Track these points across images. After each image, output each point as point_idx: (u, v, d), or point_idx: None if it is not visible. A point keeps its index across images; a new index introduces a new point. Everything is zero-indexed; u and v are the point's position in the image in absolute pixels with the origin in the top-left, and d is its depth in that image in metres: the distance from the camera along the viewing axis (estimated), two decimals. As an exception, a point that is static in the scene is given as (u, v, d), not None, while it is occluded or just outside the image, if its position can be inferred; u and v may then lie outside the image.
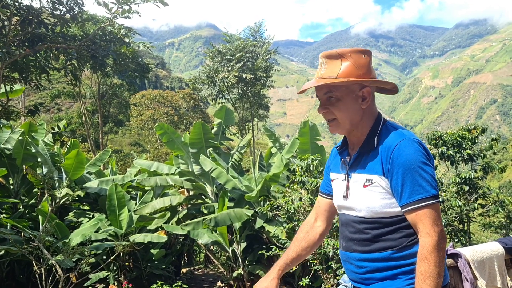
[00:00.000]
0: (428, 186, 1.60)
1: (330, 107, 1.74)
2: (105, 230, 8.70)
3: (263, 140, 49.44)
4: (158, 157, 28.35)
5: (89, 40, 6.41)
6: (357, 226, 1.77)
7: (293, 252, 2.00)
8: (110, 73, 22.18)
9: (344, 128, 1.77)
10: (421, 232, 1.60)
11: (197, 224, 8.15)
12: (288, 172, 8.75)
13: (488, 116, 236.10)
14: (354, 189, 1.78)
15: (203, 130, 9.61)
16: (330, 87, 1.72)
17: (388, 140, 1.70)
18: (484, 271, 2.59)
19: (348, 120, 1.75)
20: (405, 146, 1.64)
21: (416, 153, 1.63)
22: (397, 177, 1.63)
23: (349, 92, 1.73)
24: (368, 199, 1.71)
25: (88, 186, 9.94)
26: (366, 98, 1.76)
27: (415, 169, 1.61)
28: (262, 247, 8.44)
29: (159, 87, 73.09)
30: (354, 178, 1.79)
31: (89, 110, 27.89)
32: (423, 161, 1.63)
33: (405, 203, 1.62)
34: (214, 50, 22.52)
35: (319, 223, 2.08)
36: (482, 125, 7.06)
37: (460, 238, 6.62)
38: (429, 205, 1.59)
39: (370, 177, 1.71)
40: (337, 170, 1.92)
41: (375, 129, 1.77)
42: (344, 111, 1.73)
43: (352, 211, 1.79)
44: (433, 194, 1.60)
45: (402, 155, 1.63)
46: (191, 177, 9.89)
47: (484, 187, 6.71)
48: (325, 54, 1.76)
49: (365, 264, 1.75)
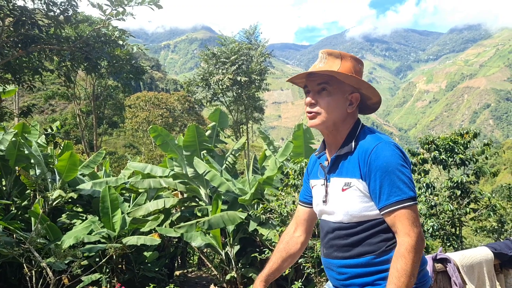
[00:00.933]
0: (406, 188, 1.61)
1: (320, 99, 1.74)
2: (98, 232, 8.67)
3: (258, 143, 49.43)
4: (153, 159, 28.28)
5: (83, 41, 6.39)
6: (336, 232, 1.77)
7: (274, 264, 1.99)
8: (105, 75, 22.13)
9: (325, 124, 1.75)
10: (400, 232, 1.60)
11: (190, 227, 8.14)
12: (282, 175, 8.76)
13: (482, 121, 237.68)
14: (333, 193, 1.78)
15: (197, 132, 9.60)
16: (328, 78, 1.73)
17: (365, 143, 1.71)
18: (473, 276, 2.61)
19: (332, 117, 1.75)
20: (382, 149, 1.66)
21: (393, 156, 1.64)
22: (375, 180, 1.64)
23: (341, 92, 1.75)
24: (346, 203, 1.71)
25: (82, 188, 9.90)
26: (353, 104, 1.79)
27: (393, 171, 1.62)
28: (255, 250, 8.44)
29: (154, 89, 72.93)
30: (332, 182, 1.79)
31: (83, 112, 27.78)
32: (400, 163, 1.64)
33: (384, 205, 1.63)
34: (209, 53, 22.52)
35: (299, 232, 2.07)
36: (474, 130, 7.09)
37: (452, 242, 6.64)
38: (407, 207, 1.60)
39: (348, 180, 1.72)
40: (316, 176, 1.92)
41: (353, 132, 1.78)
42: (331, 107, 1.74)
43: (332, 216, 1.79)
44: (411, 196, 1.61)
45: (379, 158, 1.64)
46: (185, 180, 9.87)
47: (476, 191, 6.74)
48: (327, 50, 1.79)
49: (346, 271, 1.74)
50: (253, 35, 23.87)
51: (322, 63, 1.75)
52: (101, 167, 14.53)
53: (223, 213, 8.09)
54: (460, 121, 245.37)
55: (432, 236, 6.44)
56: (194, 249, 10.96)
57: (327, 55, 1.77)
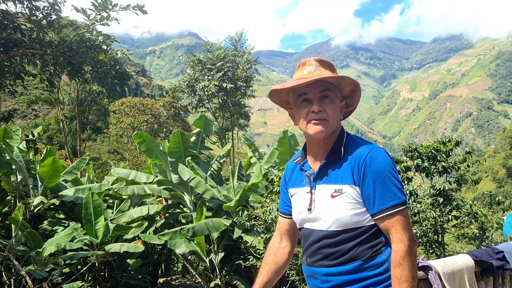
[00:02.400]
0: (399, 192, 1.66)
1: (324, 106, 1.73)
2: (80, 239, 8.53)
3: (243, 150, 49.41)
4: (137, 166, 28.05)
5: (66, 46, 6.33)
6: (324, 240, 1.75)
7: (265, 277, 1.98)
8: (89, 80, 21.94)
9: (330, 130, 1.76)
10: (394, 238, 1.63)
11: (174, 234, 8.07)
12: (267, 182, 8.75)
13: (464, 129, 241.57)
14: (320, 200, 1.76)
15: (182, 139, 9.55)
16: (328, 85, 1.74)
17: (357, 150, 1.72)
18: (454, 283, 2.63)
19: (334, 124, 1.77)
20: (376, 155, 1.68)
21: (386, 161, 1.68)
22: (369, 185, 1.66)
23: (337, 99, 1.79)
24: (336, 210, 1.71)
25: (64, 194, 9.75)
26: (342, 111, 1.84)
27: (387, 177, 1.65)
28: (240, 257, 8.40)
29: (139, 94, 72.53)
30: (319, 190, 1.78)
31: (67, 117, 27.44)
32: (393, 168, 1.68)
33: (378, 210, 1.65)
34: (195, 59, 22.53)
35: (285, 243, 2.06)
36: (457, 138, 7.21)
37: (435, 249, 6.70)
38: (400, 211, 1.64)
39: (339, 187, 1.71)
40: (298, 184, 1.90)
41: (340, 139, 1.80)
42: (336, 114, 1.76)
43: (318, 224, 1.77)
44: (404, 200, 1.66)
45: (374, 163, 1.66)
46: (169, 186, 9.80)
47: (458, 199, 6.83)
48: (317, 59, 1.80)
49: (331, 279, 1.73)
50: (239, 42, 23.99)
51: (318, 70, 1.75)
52: (84, 173, 14.34)
53: (207, 220, 8.04)
54: (442, 129, 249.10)
55: (415, 243, 6.48)
56: (178, 256, 10.85)
57: (319, 63, 1.78)
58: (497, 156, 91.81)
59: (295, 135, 9.54)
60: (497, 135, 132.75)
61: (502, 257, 3.16)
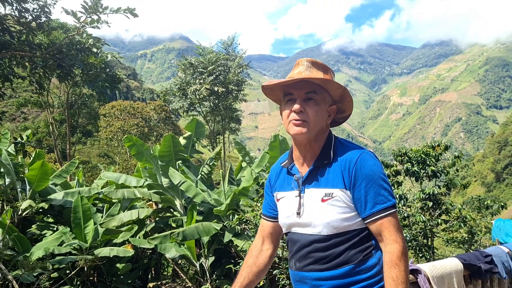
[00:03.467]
0: (389, 195, 1.68)
1: (307, 108, 1.72)
2: (69, 243, 8.45)
3: (234, 154, 49.34)
4: (127, 169, 27.87)
5: (56, 49, 6.28)
6: (314, 245, 1.74)
7: (245, 279, 1.94)
8: (79, 83, 21.80)
9: (311, 133, 1.73)
10: (388, 240, 1.64)
11: (164, 238, 8.02)
12: (258, 186, 8.75)
13: (453, 134, 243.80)
14: (310, 205, 1.75)
15: (173, 142, 9.52)
16: (316, 88, 1.73)
17: (347, 154, 1.73)
18: (443, 286, 2.65)
19: (317, 127, 1.74)
20: (366, 159, 1.70)
21: (376, 165, 1.70)
22: (360, 189, 1.66)
23: (324, 102, 1.76)
24: (327, 214, 1.70)
25: (53, 198, 9.65)
26: (331, 116, 1.82)
27: (378, 180, 1.67)
28: (230, 262, 8.37)
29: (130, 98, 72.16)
30: (308, 194, 1.76)
31: (56, 120, 27.20)
32: (382, 172, 1.70)
33: (370, 213, 1.66)
34: (186, 63, 22.49)
35: (267, 246, 2.04)
36: (446, 143, 7.27)
37: (424, 253, 6.74)
38: (392, 214, 1.66)
39: (329, 191, 1.71)
40: (285, 187, 1.88)
41: (328, 143, 1.79)
42: (319, 117, 1.73)
43: (307, 228, 1.76)
44: (394, 203, 1.68)
45: (364, 167, 1.67)
46: (159, 190, 9.75)
47: (447, 203, 6.88)
48: (310, 59, 1.78)
49: (322, 283, 1.72)
50: (231, 46, 23.99)
51: (308, 71, 1.74)
52: (74, 177, 14.22)
53: (198, 224, 8.01)
54: (432, 133, 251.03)
55: (404, 247, 6.51)
56: (168, 260, 10.78)
57: (311, 64, 1.76)
58: (485, 160, 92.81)
59: (286, 139, 9.55)
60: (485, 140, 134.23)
61: (491, 260, 3.18)
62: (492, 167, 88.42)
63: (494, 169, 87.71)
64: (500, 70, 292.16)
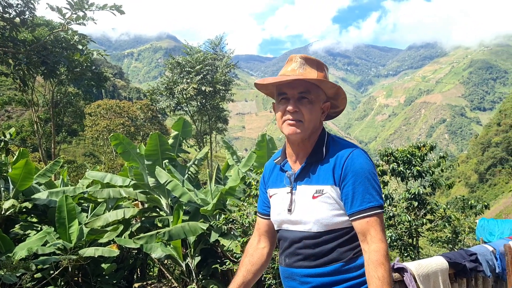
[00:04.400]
0: (377, 195, 1.65)
1: (302, 107, 1.71)
2: (53, 243, 8.34)
3: (221, 153, 49.25)
4: (113, 169, 27.62)
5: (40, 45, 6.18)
6: (304, 241, 1.73)
7: (240, 278, 1.94)
8: (65, 81, 21.54)
9: (305, 132, 1.73)
10: (374, 238, 1.62)
11: (150, 238, 7.96)
12: (245, 186, 8.74)
13: (438, 135, 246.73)
14: (301, 201, 1.75)
15: (160, 141, 9.45)
16: (309, 87, 1.71)
17: (339, 150, 1.72)
18: (429, 285, 2.66)
19: (311, 126, 1.74)
20: (358, 155, 1.68)
21: (367, 163, 1.69)
22: (348, 185, 1.65)
23: (318, 100, 1.75)
24: (317, 210, 1.69)
25: (37, 198, 9.51)
26: (325, 113, 1.81)
27: (367, 178, 1.65)
28: (217, 261, 8.35)
29: (116, 97, 71.59)
30: (300, 190, 1.76)
31: (41, 119, 26.83)
32: (373, 171, 1.68)
33: (357, 210, 1.64)
34: (174, 62, 22.39)
35: (263, 244, 2.03)
36: (431, 143, 7.35)
37: (409, 253, 6.80)
38: (378, 214, 1.64)
39: (320, 188, 1.70)
40: (277, 184, 1.88)
41: (321, 140, 1.79)
42: (313, 116, 1.73)
43: (298, 225, 1.75)
44: (381, 204, 1.66)
45: (355, 164, 1.66)
46: (145, 190, 9.68)
47: (432, 203, 6.95)
48: (303, 56, 1.77)
49: (310, 280, 1.71)
50: (219, 46, 23.94)
51: (301, 69, 1.72)
52: (58, 176, 14.04)
53: (184, 223, 7.97)
54: (417, 135, 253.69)
55: (390, 247, 6.58)
56: (154, 260, 10.70)
57: (305, 61, 1.74)
58: (469, 161, 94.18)
59: (273, 138, 9.56)
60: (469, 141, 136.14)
61: (475, 259, 3.22)
62: (475, 168, 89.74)
63: (477, 170, 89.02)
64: (483, 73, 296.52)
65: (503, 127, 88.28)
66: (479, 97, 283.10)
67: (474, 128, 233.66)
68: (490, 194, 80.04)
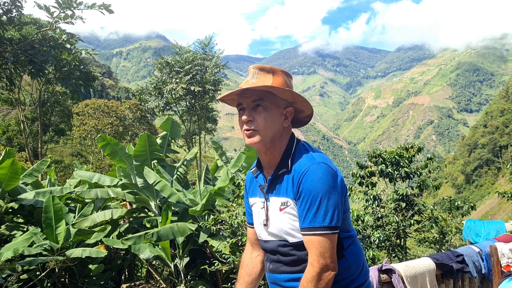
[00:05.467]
0: (325, 215, 1.60)
1: (256, 115, 1.70)
2: (40, 244, 8.24)
3: (210, 154, 49.17)
4: (101, 169, 27.39)
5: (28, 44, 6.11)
6: (281, 249, 1.76)
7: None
8: (52, 80, 21.31)
9: (264, 140, 1.72)
10: (309, 259, 1.62)
11: (138, 238, 7.91)
12: (234, 186, 8.73)
13: (425, 136, 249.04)
14: (272, 212, 1.77)
15: (149, 141, 9.40)
16: (262, 94, 1.70)
17: (299, 164, 1.70)
18: (416, 285, 2.69)
19: (270, 133, 1.72)
20: (313, 172, 1.64)
21: (321, 180, 1.62)
22: (300, 201, 1.64)
23: (276, 106, 1.74)
24: (285, 222, 1.72)
25: (23, 198, 9.40)
26: (288, 118, 1.79)
27: (317, 197, 1.61)
28: (205, 262, 8.33)
29: (105, 96, 71.14)
30: (272, 202, 1.78)
31: (28, 118, 26.51)
32: (327, 189, 1.62)
33: (302, 227, 1.64)
34: (163, 61, 22.28)
35: (256, 252, 2.06)
36: (419, 145, 7.41)
37: (397, 253, 6.86)
38: (321, 235, 1.60)
39: (285, 200, 1.72)
40: (255, 194, 1.91)
41: (289, 150, 1.77)
42: (269, 123, 1.71)
43: (273, 236, 1.78)
44: (327, 225, 1.61)
45: (307, 181, 1.63)
46: (134, 190, 9.62)
47: (419, 204, 7.02)
48: (258, 66, 1.77)
49: (293, 284, 1.74)
50: (208, 46, 23.87)
51: (255, 78, 1.72)
52: (45, 176, 13.89)
53: (173, 224, 7.94)
54: (405, 136, 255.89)
55: (378, 247, 6.62)
56: (142, 261, 10.64)
57: (258, 71, 1.75)
58: (456, 162, 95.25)
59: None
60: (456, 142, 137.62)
61: (462, 260, 3.25)
62: (462, 169, 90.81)
63: (464, 171, 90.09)
64: (470, 75, 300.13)
65: (489, 129, 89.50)
66: (466, 99, 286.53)
67: (461, 130, 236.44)
68: (476, 195, 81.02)
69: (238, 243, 6.86)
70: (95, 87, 53.53)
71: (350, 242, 1.76)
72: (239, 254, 6.92)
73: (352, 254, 1.75)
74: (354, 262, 1.75)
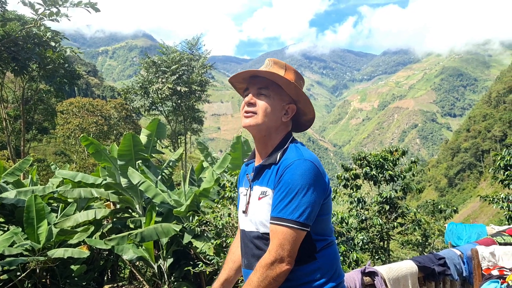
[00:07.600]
0: (296, 209, 1.60)
1: (259, 101, 1.77)
2: (21, 244, 8.12)
3: (196, 154, 49.00)
4: (85, 168, 27.08)
5: (11, 41, 6.01)
6: (255, 242, 1.76)
7: (224, 275, 2.00)
8: (36, 78, 21.01)
9: (258, 127, 1.75)
10: (269, 247, 1.63)
11: (122, 239, 7.85)
12: (219, 187, 8.71)
13: (410, 139, 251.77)
14: (252, 201, 1.79)
15: (134, 141, 9.33)
16: (269, 84, 1.77)
17: (287, 157, 1.71)
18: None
19: (267, 121, 1.75)
20: (297, 166, 1.64)
21: (303, 175, 1.62)
22: (277, 192, 1.65)
23: (280, 99, 1.78)
24: (260, 211, 1.72)
25: (4, 197, 9.25)
26: (288, 114, 1.82)
27: (293, 190, 1.61)
28: (189, 263, 8.29)
29: (89, 95, 70.36)
30: (254, 191, 1.80)
31: (10, 116, 26.09)
32: (305, 185, 1.61)
33: (271, 216, 1.64)
34: (149, 61, 22.16)
35: None
36: (403, 148, 7.50)
37: (380, 255, 6.92)
38: (286, 226, 1.59)
39: (265, 189, 1.73)
40: (244, 183, 1.94)
41: (282, 144, 1.79)
42: (269, 111, 1.75)
43: (250, 225, 1.79)
44: (295, 220, 1.60)
45: (289, 173, 1.64)
46: (118, 190, 9.53)
47: (403, 206, 7.10)
48: (273, 59, 1.83)
49: None
50: (195, 46, 23.82)
51: (267, 68, 1.78)
52: (27, 175, 13.69)
53: (157, 225, 7.89)
54: (390, 139, 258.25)
55: (362, 249, 6.67)
56: (125, 262, 10.54)
57: (273, 63, 1.81)
58: (439, 166, 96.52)
59: (248, 141, 9.55)
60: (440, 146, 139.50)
61: (444, 263, 3.30)
62: (445, 173, 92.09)
63: (447, 174, 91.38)
64: (454, 80, 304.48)
65: (472, 133, 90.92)
66: (450, 103, 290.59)
67: (445, 134, 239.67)
68: (458, 198, 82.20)
69: (223, 245, 6.84)
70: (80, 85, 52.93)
71: (324, 245, 1.74)
72: (223, 255, 6.91)
73: (325, 257, 1.72)
74: (326, 265, 1.72)
